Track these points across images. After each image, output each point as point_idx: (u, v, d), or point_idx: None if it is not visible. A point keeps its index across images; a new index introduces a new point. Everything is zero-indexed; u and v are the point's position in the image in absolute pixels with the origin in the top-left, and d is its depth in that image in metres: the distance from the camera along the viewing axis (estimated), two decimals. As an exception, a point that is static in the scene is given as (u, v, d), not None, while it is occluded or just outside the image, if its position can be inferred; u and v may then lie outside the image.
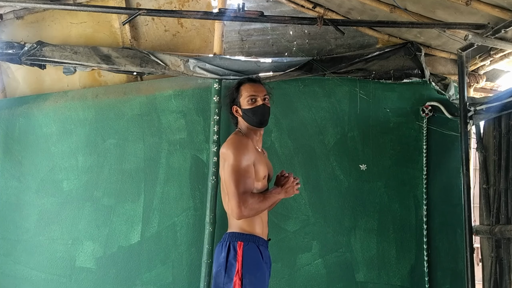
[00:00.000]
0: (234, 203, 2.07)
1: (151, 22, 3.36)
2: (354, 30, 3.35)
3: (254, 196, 2.12)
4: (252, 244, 2.15)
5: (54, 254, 3.17)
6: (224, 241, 2.20)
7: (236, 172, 2.10)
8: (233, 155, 2.12)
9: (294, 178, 2.26)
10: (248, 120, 2.27)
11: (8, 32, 3.31)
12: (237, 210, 2.07)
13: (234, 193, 2.08)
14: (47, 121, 3.25)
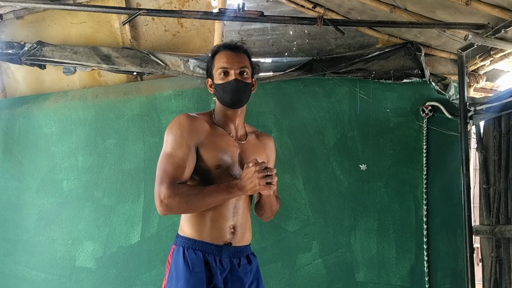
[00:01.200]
0: (155, 196, 1.69)
1: (151, 22, 3.36)
2: (354, 30, 3.35)
3: (183, 187, 1.69)
4: (180, 248, 1.77)
5: (54, 254, 3.17)
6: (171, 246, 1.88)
7: (162, 157, 1.77)
8: (165, 137, 1.80)
9: (260, 168, 1.67)
10: (219, 98, 1.87)
11: (8, 32, 3.31)
12: (157, 203, 1.68)
13: (156, 182, 1.72)
14: (47, 121, 3.25)
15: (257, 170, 1.66)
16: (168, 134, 1.79)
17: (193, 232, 1.77)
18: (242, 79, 1.83)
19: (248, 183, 1.68)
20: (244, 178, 1.69)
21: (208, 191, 1.69)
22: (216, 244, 1.77)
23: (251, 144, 1.94)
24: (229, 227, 1.81)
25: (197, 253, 1.73)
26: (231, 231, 1.81)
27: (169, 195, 1.66)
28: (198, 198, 1.68)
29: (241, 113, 1.90)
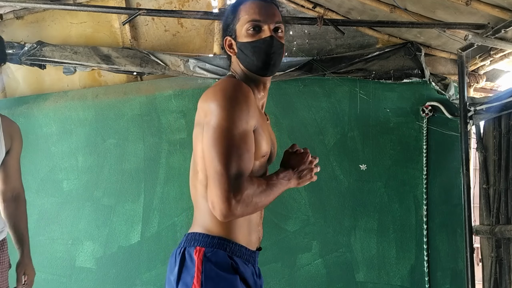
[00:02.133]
0: (219, 193, 1.22)
1: (151, 22, 3.36)
2: (354, 30, 3.35)
3: (253, 182, 1.28)
4: (221, 252, 1.32)
5: (54, 254, 3.17)
6: (178, 247, 1.39)
7: (227, 139, 1.25)
8: (223, 110, 1.26)
9: (313, 158, 1.46)
10: (246, 61, 1.41)
11: (8, 32, 3.31)
12: (224, 205, 1.22)
13: (221, 176, 1.23)
14: (47, 121, 3.25)
15: (310, 159, 1.43)
16: (224, 105, 1.27)
17: (232, 232, 1.36)
18: (278, 38, 1.41)
19: (304, 174, 1.44)
20: (300, 168, 1.43)
21: (273, 186, 1.35)
22: (252, 249, 1.42)
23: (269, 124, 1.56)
24: (258, 226, 1.49)
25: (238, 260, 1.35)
26: (259, 232, 1.50)
27: (246, 195, 1.25)
28: (267, 195, 1.32)
29: (269, 82, 1.50)
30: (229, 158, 1.24)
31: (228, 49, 1.45)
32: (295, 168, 1.44)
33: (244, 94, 1.30)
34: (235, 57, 1.45)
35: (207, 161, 1.27)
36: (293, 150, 1.48)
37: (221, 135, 1.25)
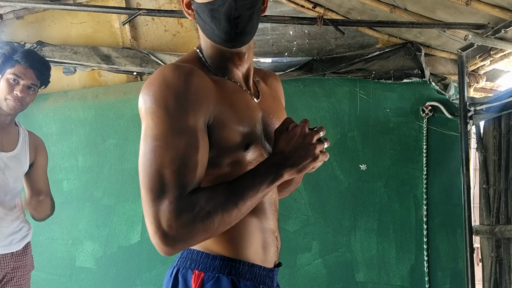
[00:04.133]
0: (149, 220, 0.95)
1: (151, 22, 3.36)
2: (354, 30, 3.35)
3: (199, 196, 0.94)
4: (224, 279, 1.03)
5: (54, 254, 3.17)
6: (171, 266, 1.11)
7: (150, 151, 0.96)
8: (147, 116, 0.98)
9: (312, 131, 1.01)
10: (205, 30, 1.10)
11: (8, 32, 3.31)
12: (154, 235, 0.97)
13: (146, 199, 0.95)
14: (47, 121, 3.25)
15: (306, 133, 1.00)
16: (152, 110, 0.97)
17: (235, 249, 1.07)
18: None
19: (302, 156, 0.99)
20: (292, 149, 0.99)
21: (244, 189, 0.97)
22: (269, 267, 1.19)
23: (269, 98, 1.21)
24: (275, 234, 1.22)
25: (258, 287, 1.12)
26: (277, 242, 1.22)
27: (181, 218, 0.92)
28: (233, 205, 0.95)
29: (249, 51, 1.17)
30: (148, 179, 0.94)
31: (186, 9, 1.13)
32: (286, 151, 0.99)
33: (176, 90, 0.96)
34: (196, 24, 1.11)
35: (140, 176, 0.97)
36: (284, 128, 1.02)
37: (145, 150, 0.97)
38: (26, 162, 2.16)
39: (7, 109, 2.04)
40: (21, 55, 2.06)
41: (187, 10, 1.13)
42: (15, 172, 2.09)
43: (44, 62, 2.14)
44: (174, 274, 1.06)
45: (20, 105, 2.05)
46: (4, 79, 2.03)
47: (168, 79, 0.97)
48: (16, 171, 2.10)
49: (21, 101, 2.03)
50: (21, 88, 2.02)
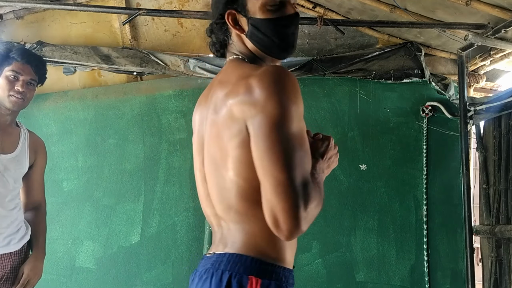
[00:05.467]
0: (287, 208, 0.98)
1: (151, 22, 3.36)
2: (354, 30, 3.35)
3: (316, 188, 1.06)
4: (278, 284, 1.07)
5: (54, 254, 3.16)
6: (213, 269, 1.09)
7: (288, 140, 1.02)
8: (278, 104, 1.04)
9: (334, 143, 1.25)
10: (263, 42, 1.18)
11: (8, 32, 3.31)
12: (293, 222, 0.99)
13: (286, 187, 0.99)
14: (47, 121, 3.25)
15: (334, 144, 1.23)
16: (282, 100, 1.05)
17: (281, 254, 1.11)
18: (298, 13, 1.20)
19: (331, 160, 1.22)
20: (328, 155, 1.20)
21: (320, 184, 1.11)
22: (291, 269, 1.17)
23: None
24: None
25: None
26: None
27: (313, 206, 1.02)
28: (321, 198, 1.07)
29: None
30: (293, 164, 0.99)
31: (233, 25, 1.20)
32: (324, 156, 1.18)
33: (296, 83, 1.10)
34: (240, 36, 1.20)
35: (263, 170, 1.01)
36: (318, 138, 1.23)
37: (280, 136, 1.01)
38: (26, 163, 2.16)
39: (10, 105, 2.05)
40: (18, 52, 2.09)
41: (233, 26, 1.20)
42: (15, 173, 2.09)
43: (40, 58, 2.18)
44: (227, 280, 1.05)
45: (23, 101, 2.07)
46: (3, 77, 2.05)
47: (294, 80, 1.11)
48: (16, 172, 2.10)
49: (23, 96, 2.06)
50: (21, 84, 2.05)
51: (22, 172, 2.14)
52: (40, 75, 2.14)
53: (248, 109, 1.03)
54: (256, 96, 1.02)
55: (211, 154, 1.12)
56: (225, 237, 1.13)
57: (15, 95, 2.04)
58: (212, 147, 1.12)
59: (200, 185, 1.21)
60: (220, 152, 1.09)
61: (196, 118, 1.25)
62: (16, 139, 2.14)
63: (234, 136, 1.05)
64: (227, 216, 1.12)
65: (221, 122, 1.07)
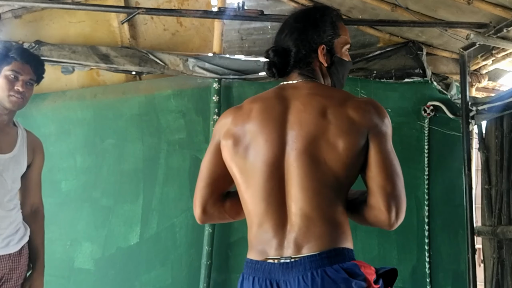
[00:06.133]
0: (404, 204, 1.31)
1: (150, 21, 3.34)
2: (355, 29, 3.33)
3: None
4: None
5: (53, 255, 3.13)
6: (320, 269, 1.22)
7: (397, 163, 1.34)
8: (390, 127, 1.32)
9: None
10: (335, 76, 1.43)
11: (6, 32, 3.29)
12: (402, 217, 1.33)
13: (402, 188, 1.33)
14: (45, 121, 3.23)
15: None
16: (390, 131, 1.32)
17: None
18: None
19: None
20: None
21: None
22: None
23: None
24: None
25: None
26: None
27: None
28: None
29: None
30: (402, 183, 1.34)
31: (323, 56, 1.38)
32: None
33: None
34: (321, 66, 1.40)
35: (388, 173, 1.28)
36: None
37: (393, 150, 1.31)
38: (24, 163, 2.15)
39: (10, 105, 2.05)
40: (17, 51, 2.09)
41: (322, 57, 1.38)
42: (13, 173, 2.08)
43: (38, 58, 2.19)
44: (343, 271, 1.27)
45: (22, 101, 2.07)
46: (3, 77, 2.05)
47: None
48: (14, 172, 2.09)
49: (23, 96, 2.06)
50: (21, 84, 2.05)
51: (20, 172, 2.13)
52: (38, 75, 2.15)
53: (373, 125, 1.26)
54: (380, 116, 1.27)
55: (311, 152, 1.23)
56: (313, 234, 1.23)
57: (15, 95, 2.04)
58: (314, 146, 1.23)
59: (266, 180, 1.26)
60: (328, 152, 1.23)
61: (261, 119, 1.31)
62: (13, 139, 2.13)
63: (352, 142, 1.23)
64: (313, 212, 1.22)
65: (337, 128, 1.23)
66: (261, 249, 1.24)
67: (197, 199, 1.37)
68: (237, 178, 1.30)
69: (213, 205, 1.37)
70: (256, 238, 1.26)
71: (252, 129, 1.29)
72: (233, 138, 1.31)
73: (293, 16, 1.44)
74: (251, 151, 1.28)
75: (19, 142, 2.14)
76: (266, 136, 1.27)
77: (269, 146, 1.26)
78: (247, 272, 1.26)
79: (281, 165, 1.25)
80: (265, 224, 1.24)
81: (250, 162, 1.27)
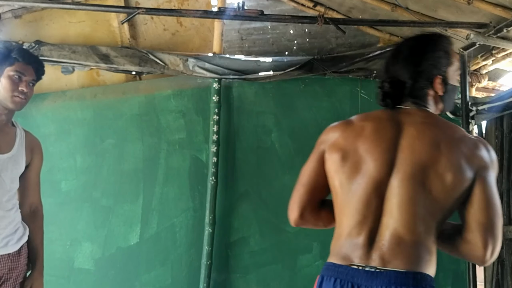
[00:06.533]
0: (499, 241, 1.29)
1: (150, 21, 3.34)
2: (355, 29, 3.34)
3: None
4: None
5: (53, 255, 3.14)
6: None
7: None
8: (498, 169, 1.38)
9: None
10: (447, 103, 1.48)
11: (6, 32, 3.29)
12: (497, 254, 1.31)
13: (501, 226, 1.31)
14: (45, 121, 3.23)
15: None
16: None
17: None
18: None
19: None
20: None
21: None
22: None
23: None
24: None
25: None
26: None
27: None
28: None
29: None
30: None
31: (438, 86, 1.44)
32: None
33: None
34: (435, 95, 1.45)
35: (490, 212, 1.28)
36: None
37: (497, 191, 1.33)
38: (22, 163, 2.15)
39: (13, 105, 2.06)
40: (20, 53, 2.10)
41: (438, 87, 1.43)
42: (12, 173, 2.09)
43: (39, 59, 2.21)
44: None
45: (25, 101, 2.09)
46: (6, 77, 2.06)
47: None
48: (13, 172, 2.10)
49: (26, 97, 2.08)
50: (25, 84, 2.07)
51: (19, 172, 2.14)
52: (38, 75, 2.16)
53: (483, 165, 1.30)
54: (491, 157, 1.32)
55: (418, 179, 1.29)
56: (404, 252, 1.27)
57: (19, 95, 2.06)
58: (422, 174, 1.29)
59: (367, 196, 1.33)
60: (436, 182, 1.27)
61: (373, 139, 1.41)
62: (12, 139, 2.13)
63: (461, 177, 1.27)
64: (408, 233, 1.27)
65: (448, 161, 1.28)
66: (346, 256, 1.33)
67: (295, 203, 1.47)
68: (337, 189, 1.39)
69: (311, 211, 1.50)
70: (343, 246, 1.36)
71: (363, 147, 1.37)
72: (342, 152, 1.39)
73: (407, 47, 1.48)
74: (359, 167, 1.35)
75: (18, 142, 2.14)
76: (377, 156, 1.34)
77: (377, 166, 1.33)
78: (327, 273, 1.35)
79: (384, 184, 1.31)
80: (356, 234, 1.33)
81: (355, 177, 1.34)
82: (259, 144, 3.21)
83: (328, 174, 1.42)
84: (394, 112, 1.47)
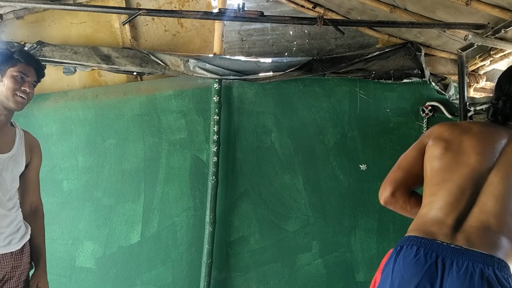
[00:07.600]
0: None
1: (151, 22, 3.36)
2: (354, 30, 3.35)
3: None
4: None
5: (54, 254, 3.17)
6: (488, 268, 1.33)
7: None
8: None
9: None
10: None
11: (8, 32, 3.31)
12: None
13: None
14: (47, 121, 3.25)
15: None
16: None
17: None
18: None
19: None
20: None
21: None
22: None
23: None
24: None
25: None
26: None
27: None
28: None
29: None
30: None
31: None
32: None
33: None
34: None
35: None
36: None
37: None
38: (22, 162, 2.17)
39: (15, 105, 2.09)
40: (22, 54, 2.14)
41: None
42: (12, 173, 2.11)
43: (39, 61, 2.24)
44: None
45: (26, 101, 2.13)
46: (9, 77, 2.09)
47: None
48: (13, 172, 2.11)
49: (27, 97, 2.11)
50: (27, 85, 2.11)
51: (19, 171, 2.16)
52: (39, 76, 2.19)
53: None
54: None
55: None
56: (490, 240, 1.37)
57: (22, 95, 2.09)
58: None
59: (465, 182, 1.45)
60: None
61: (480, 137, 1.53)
62: (11, 139, 2.15)
63: None
64: (497, 223, 1.38)
65: None
66: (430, 232, 1.40)
67: (389, 181, 1.62)
68: (434, 172, 1.50)
69: (402, 193, 1.61)
70: (428, 222, 1.43)
71: (468, 143, 1.51)
72: (446, 143, 1.53)
73: None
74: (460, 158, 1.48)
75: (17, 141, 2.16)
76: (480, 151, 1.48)
77: (479, 159, 1.46)
78: (407, 243, 1.41)
79: (483, 178, 1.44)
80: (445, 214, 1.42)
81: (455, 164, 1.48)
82: (259, 144, 3.23)
83: (426, 160, 1.54)
84: (503, 126, 1.58)
